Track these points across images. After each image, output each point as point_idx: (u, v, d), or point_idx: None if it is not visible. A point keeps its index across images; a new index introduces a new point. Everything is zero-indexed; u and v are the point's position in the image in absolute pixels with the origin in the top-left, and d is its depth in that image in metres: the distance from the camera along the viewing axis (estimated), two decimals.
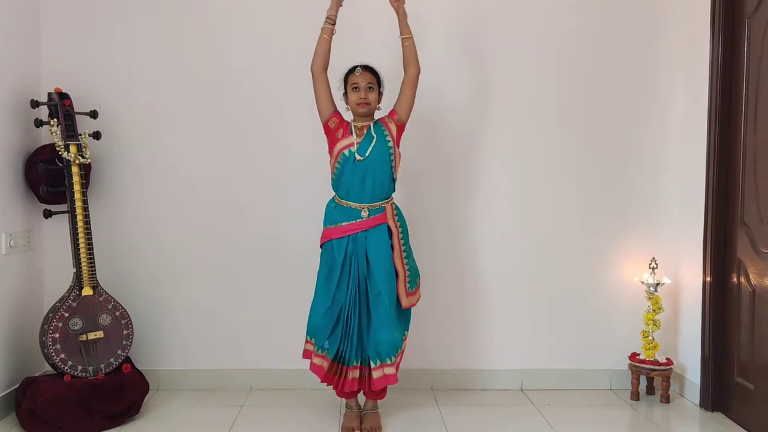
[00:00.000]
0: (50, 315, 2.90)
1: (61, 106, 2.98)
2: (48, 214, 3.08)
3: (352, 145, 2.77)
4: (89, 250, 2.97)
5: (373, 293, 2.79)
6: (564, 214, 3.43)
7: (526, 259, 3.44)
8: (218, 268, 3.38)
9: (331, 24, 2.78)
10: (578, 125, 3.42)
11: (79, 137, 3.00)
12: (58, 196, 3.06)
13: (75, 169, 2.96)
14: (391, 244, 2.82)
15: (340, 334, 2.78)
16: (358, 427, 2.84)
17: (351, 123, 2.84)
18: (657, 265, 3.29)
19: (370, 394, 2.89)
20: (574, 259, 3.44)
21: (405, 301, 2.84)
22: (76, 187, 2.96)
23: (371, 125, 2.82)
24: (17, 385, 2.96)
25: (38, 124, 2.99)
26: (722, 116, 3.08)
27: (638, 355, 3.32)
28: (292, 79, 3.23)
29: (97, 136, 3.13)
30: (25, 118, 3.10)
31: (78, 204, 2.96)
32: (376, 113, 2.89)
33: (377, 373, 2.77)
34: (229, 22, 3.34)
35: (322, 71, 2.79)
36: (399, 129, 2.85)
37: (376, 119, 2.87)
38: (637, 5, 3.40)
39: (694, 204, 3.21)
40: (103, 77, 3.29)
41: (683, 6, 3.34)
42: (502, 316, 3.45)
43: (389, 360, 2.77)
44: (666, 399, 3.25)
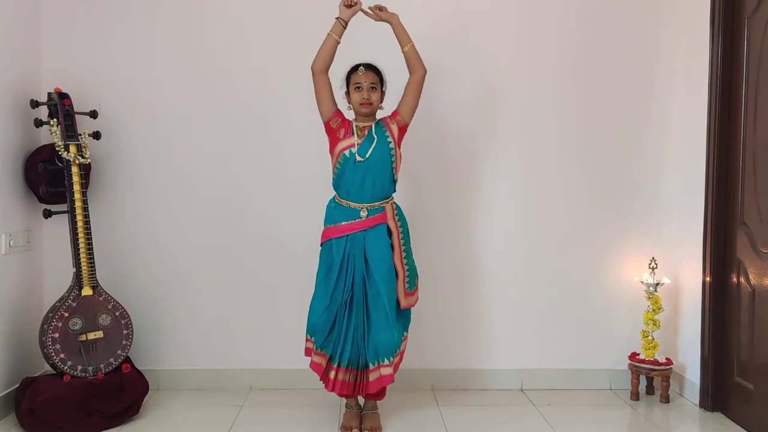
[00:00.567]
0: (50, 315, 2.90)
1: (60, 106, 2.98)
2: (48, 214, 3.08)
3: (353, 146, 2.76)
4: (89, 250, 2.97)
5: (372, 293, 2.77)
6: (564, 214, 3.43)
7: (527, 259, 3.44)
8: (218, 268, 3.38)
9: (343, 25, 2.73)
10: (578, 125, 3.42)
11: (79, 137, 3.00)
12: (58, 196, 3.06)
13: (75, 169, 2.96)
14: (391, 244, 2.80)
15: (336, 333, 2.78)
16: (357, 427, 2.83)
17: (353, 122, 2.83)
18: (657, 265, 3.29)
19: (369, 396, 2.87)
20: (574, 259, 3.44)
21: (404, 302, 2.82)
22: (76, 187, 2.96)
23: (373, 125, 2.81)
24: (17, 385, 2.96)
25: (38, 124, 2.98)
26: (722, 116, 3.08)
27: (638, 355, 3.32)
28: (293, 79, 3.22)
29: (96, 136, 3.13)
30: (25, 118, 3.10)
31: (78, 204, 2.96)
32: (379, 112, 2.88)
33: (373, 375, 2.74)
34: (230, 22, 3.34)
35: (323, 71, 2.76)
36: (401, 130, 2.83)
37: (378, 119, 2.86)
38: (637, 5, 3.40)
39: (694, 204, 3.22)
40: (103, 77, 3.30)
41: (683, 6, 3.34)
42: (502, 315, 3.45)
43: (387, 360, 2.75)
44: (666, 399, 3.25)
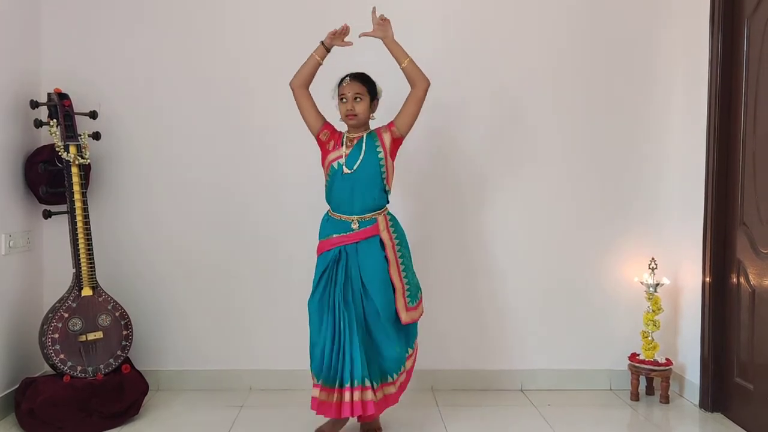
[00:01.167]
0: (50, 315, 2.90)
1: (60, 107, 2.98)
2: (48, 215, 3.08)
3: (341, 158, 2.69)
4: (89, 250, 2.97)
5: (370, 309, 2.67)
6: (564, 215, 3.43)
7: (526, 259, 3.44)
8: (218, 269, 3.38)
9: (327, 49, 2.68)
10: (578, 126, 3.42)
11: (79, 138, 3.00)
12: (58, 197, 3.06)
13: (74, 170, 2.96)
14: (386, 257, 2.69)
15: (332, 354, 2.63)
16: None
17: (344, 134, 2.76)
18: (657, 265, 3.29)
19: (367, 418, 2.76)
20: (574, 259, 3.44)
21: (405, 316, 2.71)
22: (76, 188, 2.96)
23: (364, 136, 2.73)
24: (17, 386, 2.96)
25: (38, 124, 2.99)
26: (722, 116, 3.08)
27: (638, 355, 3.32)
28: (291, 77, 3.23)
29: (96, 136, 3.13)
30: (25, 119, 3.10)
31: (78, 204, 2.96)
32: (374, 122, 2.80)
33: (379, 394, 2.64)
34: (230, 23, 3.34)
35: (300, 86, 2.70)
36: (395, 141, 2.72)
37: (373, 129, 2.77)
38: (637, 5, 3.40)
39: (694, 204, 3.21)
40: (103, 78, 3.30)
41: (683, 6, 3.34)
42: (502, 316, 3.45)
43: (391, 377, 2.66)
44: (665, 399, 3.25)
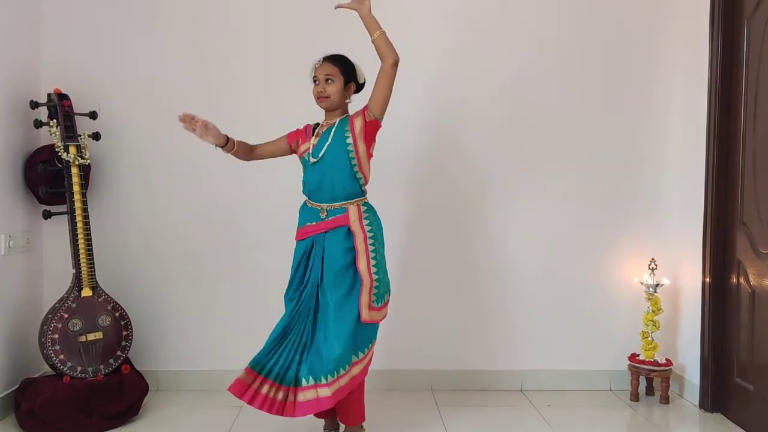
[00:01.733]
0: (49, 316, 2.90)
1: (60, 107, 2.98)
2: (47, 215, 3.08)
3: (309, 149, 2.64)
4: (89, 251, 2.97)
5: (323, 301, 2.56)
6: (564, 215, 3.43)
7: (526, 259, 3.44)
8: (218, 269, 3.38)
9: (227, 148, 2.70)
10: (578, 126, 3.42)
11: (79, 138, 3.00)
12: (58, 197, 3.06)
13: (74, 170, 2.96)
14: (354, 247, 2.56)
15: (286, 345, 2.57)
16: None
17: (316, 125, 2.70)
18: (656, 265, 3.29)
19: (342, 417, 2.65)
20: (574, 259, 3.44)
21: (366, 314, 2.52)
22: (76, 188, 2.96)
23: (336, 122, 2.62)
24: (16, 386, 2.96)
25: (38, 124, 2.99)
26: (722, 117, 3.08)
27: (638, 355, 3.32)
28: (294, 79, 3.21)
29: (96, 137, 3.13)
30: (25, 119, 3.10)
31: (77, 205, 2.96)
32: (352, 107, 2.68)
33: (310, 394, 2.46)
34: (230, 23, 3.34)
35: (253, 158, 2.80)
36: (368, 125, 2.57)
37: (348, 114, 2.66)
38: (637, 6, 3.40)
39: (694, 205, 3.21)
40: (103, 78, 3.30)
41: (683, 7, 3.33)
42: (502, 316, 3.44)
43: (324, 379, 2.45)
44: (665, 400, 3.25)
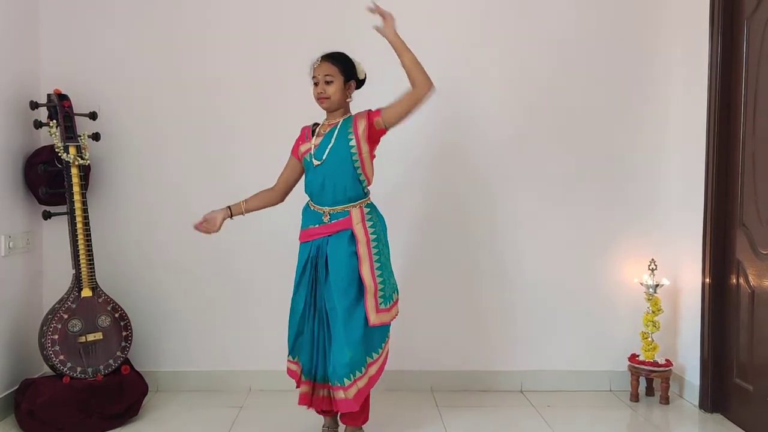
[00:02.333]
0: (49, 316, 2.90)
1: (60, 108, 2.98)
2: (47, 216, 3.08)
3: (311, 149, 2.60)
4: (88, 251, 2.97)
5: (330, 306, 2.54)
6: (563, 216, 3.43)
7: (526, 260, 3.44)
8: (217, 269, 3.38)
9: (235, 213, 2.75)
10: (577, 126, 3.42)
11: (79, 139, 3.00)
12: (58, 198, 3.06)
13: (74, 171, 2.96)
14: (357, 252, 2.54)
15: (305, 345, 2.62)
16: None
17: (315, 125, 2.67)
18: (656, 266, 3.29)
19: (344, 418, 2.68)
20: (573, 260, 3.44)
21: (373, 318, 2.52)
22: (76, 189, 2.96)
23: (339, 123, 2.58)
24: (16, 387, 2.96)
25: (37, 125, 2.99)
26: (721, 117, 3.08)
27: (638, 356, 3.32)
28: (291, 79, 3.22)
29: (96, 137, 3.14)
30: (25, 120, 3.10)
31: (77, 205, 2.96)
32: (355, 106, 2.64)
33: (338, 394, 2.53)
34: (230, 23, 3.34)
35: (274, 194, 2.77)
36: (373, 129, 2.53)
37: (352, 114, 2.60)
38: (637, 7, 3.40)
39: (693, 205, 3.21)
40: (103, 78, 3.30)
41: (682, 7, 3.34)
42: (502, 317, 3.44)
43: (339, 383, 2.50)
44: (665, 400, 3.25)
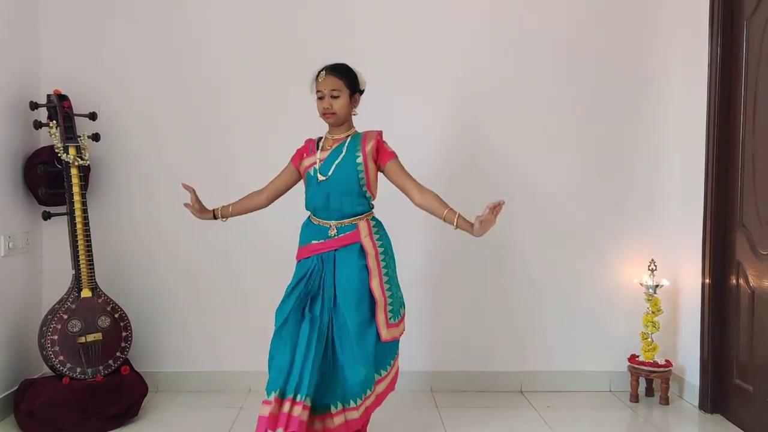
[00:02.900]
0: (49, 317, 2.90)
1: (60, 108, 2.98)
2: (47, 216, 3.08)
3: (315, 164, 2.53)
4: (88, 252, 2.97)
5: (339, 323, 2.46)
6: (563, 216, 3.43)
7: (526, 260, 3.44)
8: (217, 270, 3.38)
9: (221, 217, 2.70)
10: (577, 127, 3.42)
11: (78, 139, 3.00)
12: (57, 198, 3.06)
13: (74, 171, 2.96)
14: (366, 266, 2.49)
15: (296, 362, 2.44)
16: None
17: (320, 139, 2.61)
18: (656, 266, 3.29)
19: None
20: (573, 260, 3.44)
21: (385, 333, 2.47)
22: (75, 189, 2.96)
23: (348, 140, 2.53)
24: (16, 387, 2.96)
25: (37, 125, 2.98)
26: (721, 118, 3.08)
27: (637, 356, 3.32)
28: (291, 80, 3.22)
29: (96, 137, 3.13)
30: (24, 120, 3.10)
31: (77, 206, 2.96)
32: (360, 124, 2.62)
33: (339, 419, 2.42)
34: (229, 24, 3.34)
35: (260, 199, 2.69)
36: (380, 153, 2.52)
37: (360, 132, 2.57)
38: (636, 7, 3.40)
39: (693, 206, 3.21)
40: (103, 79, 3.30)
41: (682, 8, 3.34)
42: (501, 317, 3.44)
43: (353, 402, 2.43)
44: (665, 401, 3.25)
